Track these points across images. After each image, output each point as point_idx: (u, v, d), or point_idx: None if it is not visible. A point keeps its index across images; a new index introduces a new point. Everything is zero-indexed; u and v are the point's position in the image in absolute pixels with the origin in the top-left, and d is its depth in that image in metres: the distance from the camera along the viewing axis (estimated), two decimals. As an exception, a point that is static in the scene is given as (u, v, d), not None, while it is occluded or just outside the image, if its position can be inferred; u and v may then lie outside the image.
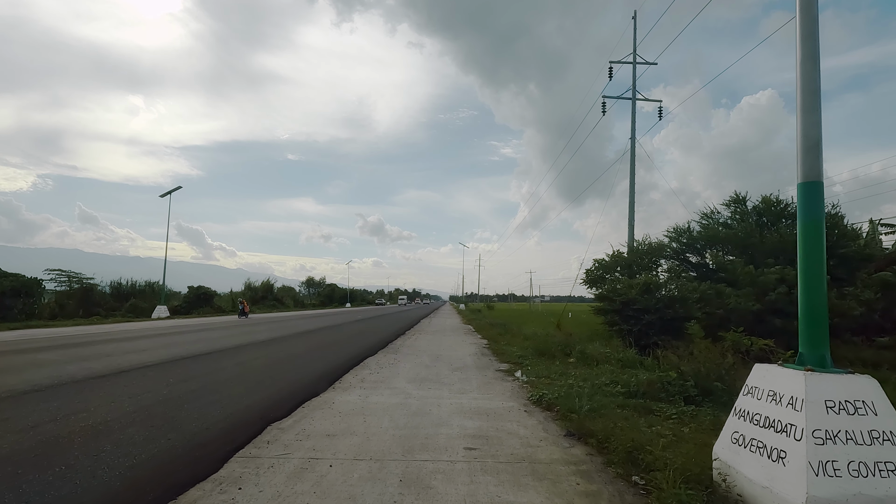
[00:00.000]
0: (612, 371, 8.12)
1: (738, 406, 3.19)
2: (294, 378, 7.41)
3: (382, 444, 4.13)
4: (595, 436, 4.28)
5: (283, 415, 5.09)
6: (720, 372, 6.52)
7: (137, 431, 4.25)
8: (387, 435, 4.41)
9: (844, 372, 2.82)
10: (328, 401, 5.83)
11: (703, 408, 5.69)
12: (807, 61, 3.18)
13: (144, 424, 4.49)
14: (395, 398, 6.03)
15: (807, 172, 3.12)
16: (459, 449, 4.05)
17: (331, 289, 79.57)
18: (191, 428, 4.41)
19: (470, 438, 4.36)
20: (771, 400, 2.91)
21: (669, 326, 13.13)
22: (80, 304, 27.77)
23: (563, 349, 10.85)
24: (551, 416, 5.25)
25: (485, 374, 8.21)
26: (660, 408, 5.61)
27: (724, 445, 3.15)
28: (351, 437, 4.31)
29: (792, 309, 13.73)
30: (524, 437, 4.41)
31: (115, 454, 3.66)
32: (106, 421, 4.58)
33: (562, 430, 4.71)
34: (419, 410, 5.40)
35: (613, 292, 14.10)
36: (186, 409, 5.09)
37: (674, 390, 6.21)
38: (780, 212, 17.45)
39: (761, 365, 3.16)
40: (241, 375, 7.46)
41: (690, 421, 5.10)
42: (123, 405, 5.24)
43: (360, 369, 8.49)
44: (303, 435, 4.36)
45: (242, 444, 4.06)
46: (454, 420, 5.00)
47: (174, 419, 4.70)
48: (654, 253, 19.03)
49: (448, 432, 4.54)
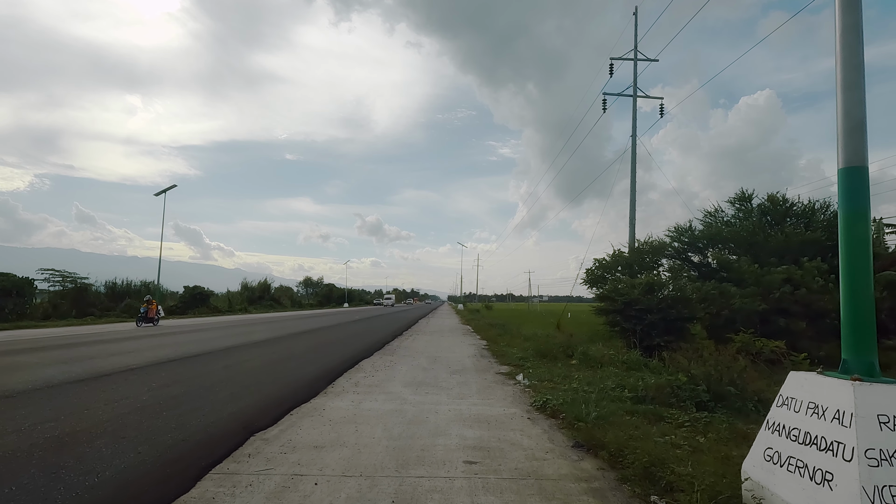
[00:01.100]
0: (618, 374, 7.78)
1: (771, 419, 2.85)
2: (284, 382, 7.05)
3: (374, 458, 3.77)
4: (606, 447, 3.94)
5: (269, 423, 4.73)
6: (732, 376, 6.19)
7: (106, 444, 3.89)
8: (380, 446, 4.06)
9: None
10: (318, 407, 5.48)
11: (716, 414, 5.36)
12: (848, 32, 2.84)
13: (115, 435, 4.13)
14: (389, 404, 5.68)
15: (849, 157, 2.78)
16: (458, 463, 3.70)
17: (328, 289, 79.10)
18: (165, 440, 4.05)
19: (470, 450, 4.01)
20: (812, 413, 2.57)
21: (672, 327, 12.82)
22: (74, 305, 27.32)
23: (564, 351, 10.53)
24: (557, 425, 4.90)
25: (484, 378, 7.86)
26: (671, 414, 5.28)
27: (756, 463, 2.81)
28: (340, 450, 3.96)
29: (797, 309, 13.46)
30: (529, 449, 4.06)
31: (76, 471, 3.29)
32: (74, 431, 4.21)
33: (569, 440, 4.36)
34: (415, 418, 5.05)
35: (615, 292, 13.77)
36: (164, 418, 4.72)
37: (684, 395, 5.88)
38: (785, 211, 17.15)
39: (798, 373, 2.82)
40: (228, 379, 7.10)
41: (705, 429, 4.76)
42: (97, 413, 4.87)
43: (354, 372, 8.14)
44: (288, 447, 4.01)
45: (221, 457, 3.70)
46: (453, 429, 4.65)
47: (149, 429, 4.34)
48: (655, 252, 18.72)
49: (446, 443, 4.19)
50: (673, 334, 12.72)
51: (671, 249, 18.70)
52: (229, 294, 46.20)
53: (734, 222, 18.58)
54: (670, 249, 18.71)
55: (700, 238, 18.24)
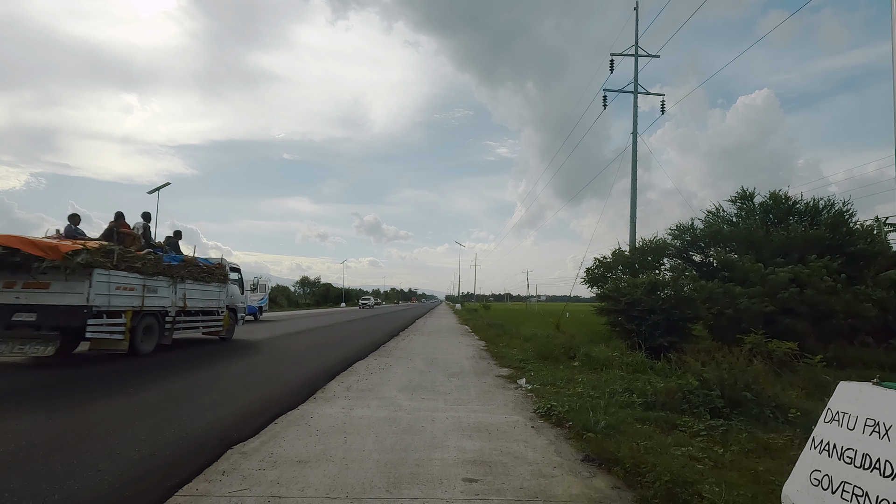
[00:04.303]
0: (623, 377, 7.43)
1: (818, 436, 2.47)
2: (271, 387, 6.66)
3: (363, 475, 3.39)
4: (620, 462, 3.57)
5: (250, 434, 4.33)
6: (747, 380, 5.82)
7: (62, 460, 3.48)
8: (370, 461, 3.68)
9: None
10: (306, 415, 5.08)
11: (732, 422, 5.00)
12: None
13: (75, 449, 3.72)
14: (383, 411, 5.29)
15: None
16: (457, 480, 3.32)
17: (326, 288, 78.63)
18: (131, 454, 3.64)
19: (469, 465, 3.63)
20: (871, 432, 2.19)
21: (675, 327, 12.51)
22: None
23: (566, 352, 10.17)
24: (563, 434, 4.53)
25: (484, 381, 7.48)
26: (684, 422, 4.92)
27: (801, 487, 2.44)
28: (326, 465, 3.57)
29: (804, 309, 13.14)
30: (535, 464, 3.68)
31: (21, 495, 2.89)
32: (31, 445, 3.80)
33: (578, 452, 3.99)
34: (410, 427, 4.66)
35: (617, 292, 13.44)
36: (133, 429, 4.31)
37: (697, 401, 5.52)
38: (788, 209, 16.84)
39: (850, 384, 2.45)
40: (210, 384, 6.69)
41: (723, 439, 4.41)
42: (59, 423, 4.47)
43: (347, 375, 7.74)
44: (268, 462, 3.62)
45: (192, 475, 3.30)
46: (451, 440, 4.27)
47: (114, 442, 3.93)
48: (656, 251, 18.40)
49: (443, 457, 3.81)
50: (676, 334, 12.41)
51: (672, 248, 18.38)
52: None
53: (736, 221, 18.28)
54: (671, 248, 18.39)
55: (702, 237, 17.92)
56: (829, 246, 14.36)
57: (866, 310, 12.07)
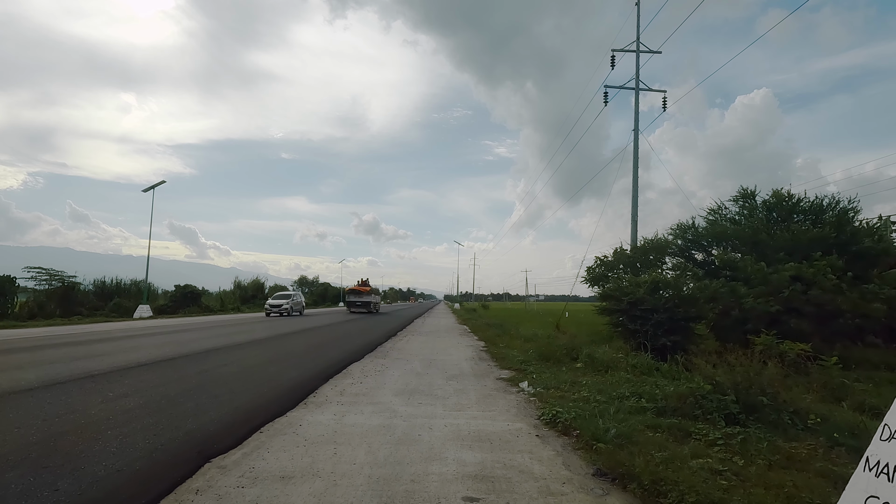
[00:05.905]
0: (629, 380, 7.12)
1: (873, 456, 2.15)
2: (260, 391, 6.32)
3: (353, 493, 3.06)
4: (636, 477, 3.25)
5: (232, 444, 4.00)
6: (763, 383, 5.51)
7: (20, 476, 3.14)
8: (361, 476, 3.35)
9: None
10: (294, 422, 4.75)
11: (749, 429, 4.69)
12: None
13: (37, 464, 3.38)
14: (377, 418, 4.96)
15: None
16: (456, 499, 2.99)
17: (324, 288, 78.10)
18: (96, 470, 3.30)
19: (470, 481, 3.30)
20: (943, 453, 1.88)
21: (678, 327, 12.22)
22: (60, 304, 26.34)
23: (568, 353, 9.86)
24: (571, 444, 4.21)
25: (484, 384, 7.15)
26: (698, 429, 4.61)
27: (854, 515, 2.12)
28: (312, 481, 3.24)
29: (809, 309, 12.84)
30: (542, 479, 3.35)
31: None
32: (-11, 459, 3.46)
33: (588, 465, 3.66)
34: (405, 436, 4.34)
35: (620, 291, 13.13)
36: (104, 439, 3.97)
37: (710, 406, 5.20)
38: (791, 207, 16.55)
39: (911, 395, 2.13)
40: (198, 388, 6.35)
41: (742, 449, 4.09)
42: (27, 433, 4.12)
43: (341, 378, 7.41)
44: (248, 477, 3.28)
45: (161, 494, 2.97)
46: (449, 451, 3.94)
47: (81, 455, 3.59)
48: (658, 250, 18.11)
49: (441, 471, 3.48)
50: (679, 334, 12.12)
51: (674, 247, 18.11)
52: (222, 293, 45.18)
53: (738, 220, 18.00)
54: (673, 247, 18.11)
55: (704, 236, 17.64)
56: (833, 244, 14.07)
57: (875, 310, 11.77)
